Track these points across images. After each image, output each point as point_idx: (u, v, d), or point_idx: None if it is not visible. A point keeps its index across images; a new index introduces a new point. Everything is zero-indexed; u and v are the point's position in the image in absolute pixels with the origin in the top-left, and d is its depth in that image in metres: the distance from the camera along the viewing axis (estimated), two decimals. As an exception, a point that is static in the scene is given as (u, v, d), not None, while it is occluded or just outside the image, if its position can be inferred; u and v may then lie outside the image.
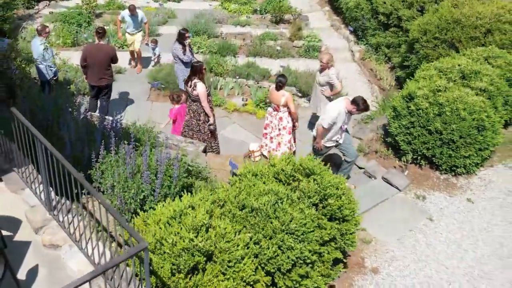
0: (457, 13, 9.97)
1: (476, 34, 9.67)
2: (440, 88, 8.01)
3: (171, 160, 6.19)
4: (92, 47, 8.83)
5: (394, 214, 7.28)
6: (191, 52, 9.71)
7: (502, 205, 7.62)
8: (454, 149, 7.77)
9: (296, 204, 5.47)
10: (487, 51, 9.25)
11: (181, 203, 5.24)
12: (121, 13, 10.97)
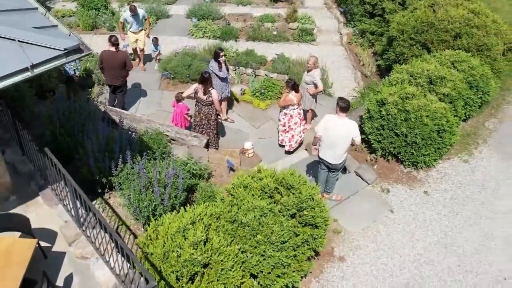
0: (432, 16, 10.13)
1: (446, 37, 9.90)
2: (409, 95, 8.47)
3: (178, 171, 6.91)
4: (107, 53, 9.13)
5: (362, 206, 8.01)
6: (227, 68, 9.65)
7: (452, 197, 8.33)
8: (416, 149, 8.39)
9: (277, 217, 6.22)
10: (454, 55, 9.57)
11: (184, 218, 5.98)
12: (122, 15, 10.76)
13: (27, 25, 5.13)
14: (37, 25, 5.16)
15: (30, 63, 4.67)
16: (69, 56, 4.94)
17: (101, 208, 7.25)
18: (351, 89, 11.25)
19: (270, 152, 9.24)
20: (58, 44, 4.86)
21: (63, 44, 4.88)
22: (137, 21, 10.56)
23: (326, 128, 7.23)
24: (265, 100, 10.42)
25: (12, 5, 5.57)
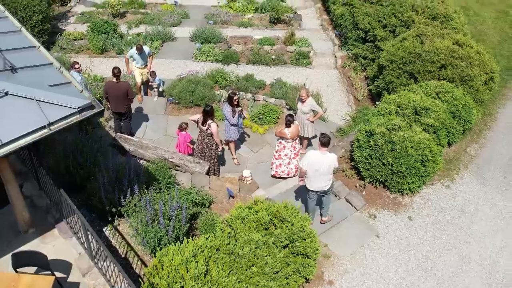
0: (419, 48, 10.39)
1: (432, 68, 10.16)
2: (395, 127, 8.75)
3: (182, 203, 7.25)
4: (111, 84, 9.40)
5: (351, 231, 8.31)
6: (240, 116, 9.40)
7: (434, 222, 8.63)
8: (401, 177, 8.68)
9: (271, 248, 6.56)
10: (439, 86, 9.82)
11: (187, 251, 6.31)
12: (129, 51, 10.88)
13: (44, 82, 5.46)
14: (52, 82, 5.48)
15: (48, 121, 5.02)
16: (82, 113, 5.27)
17: (111, 235, 7.61)
18: (343, 113, 11.52)
19: (267, 177, 9.55)
20: (73, 103, 5.19)
21: (77, 102, 5.20)
22: (143, 58, 10.73)
23: (310, 163, 7.57)
24: (263, 125, 10.71)
25: (30, 60, 5.89)
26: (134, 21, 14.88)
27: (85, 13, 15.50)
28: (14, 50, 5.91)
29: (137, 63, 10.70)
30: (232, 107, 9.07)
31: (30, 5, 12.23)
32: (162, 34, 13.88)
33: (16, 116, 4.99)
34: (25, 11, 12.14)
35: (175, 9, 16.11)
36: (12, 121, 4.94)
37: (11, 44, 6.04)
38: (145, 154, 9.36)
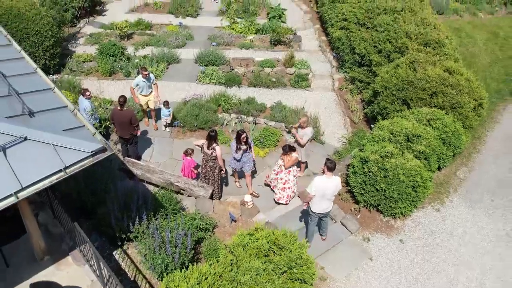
0: (412, 75, 10.66)
1: (424, 96, 10.43)
2: (388, 154, 9.03)
3: (187, 230, 7.54)
4: (116, 111, 9.63)
5: (346, 254, 8.57)
6: (243, 153, 9.28)
7: (424, 244, 8.89)
8: (393, 202, 8.95)
9: (270, 275, 6.83)
10: (430, 113, 10.09)
11: (192, 278, 6.59)
12: (135, 80, 10.81)
13: (59, 126, 5.75)
14: (67, 126, 5.77)
15: (64, 165, 5.30)
16: (95, 156, 5.55)
17: (121, 258, 7.90)
18: (340, 136, 11.77)
19: (267, 199, 9.80)
20: (86, 147, 5.47)
21: (90, 147, 5.49)
22: (148, 85, 10.79)
23: (318, 188, 7.83)
24: (264, 149, 10.99)
25: (46, 102, 6.19)
26: (140, 43, 15.17)
27: (93, 34, 15.78)
28: (31, 93, 6.21)
29: (142, 91, 10.78)
30: (238, 144, 9.13)
31: (42, 30, 12.51)
32: (168, 57, 14.16)
33: (34, 160, 5.27)
34: (37, 36, 12.41)
35: (180, 30, 16.40)
36: (31, 165, 5.22)
37: (28, 86, 6.34)
38: (152, 178, 9.65)
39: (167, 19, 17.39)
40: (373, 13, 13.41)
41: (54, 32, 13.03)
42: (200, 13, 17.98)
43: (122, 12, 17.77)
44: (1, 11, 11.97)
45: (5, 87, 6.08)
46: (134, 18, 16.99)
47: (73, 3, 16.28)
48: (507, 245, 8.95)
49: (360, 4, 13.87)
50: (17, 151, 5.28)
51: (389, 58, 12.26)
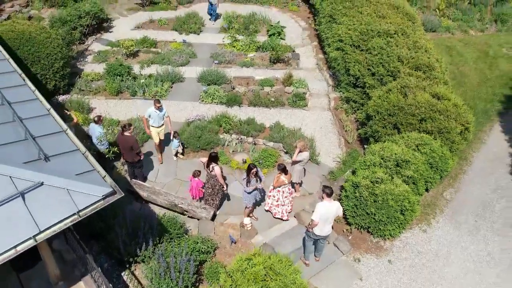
0: (402, 101, 10.96)
1: (413, 121, 10.73)
2: (378, 180, 9.37)
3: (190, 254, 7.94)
4: (120, 136, 9.97)
5: (338, 274, 8.94)
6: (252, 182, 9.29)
7: (411, 265, 9.25)
8: (383, 225, 9.32)
9: None
10: (419, 139, 10.38)
11: (194, 304, 7.01)
12: (147, 111, 10.82)
13: (72, 170, 6.11)
14: (79, 170, 6.13)
15: (77, 209, 5.68)
16: (106, 199, 5.93)
17: (129, 279, 8.30)
18: (335, 155, 12.09)
19: (265, 218, 10.14)
20: (98, 191, 5.85)
21: (101, 191, 5.87)
22: (160, 116, 10.82)
23: (321, 214, 8.18)
24: (263, 169, 11.32)
25: (60, 145, 6.55)
26: (146, 61, 15.49)
27: (101, 52, 16.10)
28: (46, 136, 6.57)
29: (154, 122, 10.80)
30: (248, 177, 9.23)
31: (52, 53, 12.83)
32: (172, 76, 14.48)
33: (50, 205, 5.64)
34: (48, 59, 12.74)
35: (184, 47, 16.69)
36: (47, 209, 5.60)
37: (43, 128, 6.71)
38: (158, 200, 10.03)
39: (171, 36, 17.67)
40: (367, 36, 13.68)
41: (64, 54, 13.36)
42: (203, 30, 18.26)
43: (128, 29, 18.06)
44: (14, 36, 12.27)
45: (22, 131, 6.44)
46: (140, 35, 17.28)
47: (81, 21, 16.60)
48: (488, 265, 9.30)
49: (355, 26, 14.14)
50: (34, 196, 5.66)
51: (381, 81, 12.55)
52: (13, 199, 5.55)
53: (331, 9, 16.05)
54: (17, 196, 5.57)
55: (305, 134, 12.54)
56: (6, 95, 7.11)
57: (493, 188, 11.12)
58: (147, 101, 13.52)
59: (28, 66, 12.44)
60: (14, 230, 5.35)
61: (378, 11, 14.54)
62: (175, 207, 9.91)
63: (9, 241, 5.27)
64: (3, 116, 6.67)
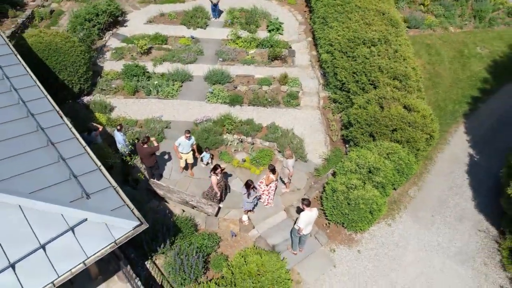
0: (378, 113, 11.86)
1: (386, 131, 11.70)
2: (352, 186, 10.56)
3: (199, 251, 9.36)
4: (139, 146, 10.99)
5: (317, 262, 10.38)
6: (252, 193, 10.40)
7: (375, 254, 10.67)
8: (354, 222, 10.63)
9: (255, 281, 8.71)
10: (390, 148, 11.43)
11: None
12: (178, 140, 11.43)
13: (108, 205, 7.28)
14: (113, 206, 7.29)
15: (114, 239, 6.96)
16: (135, 229, 7.18)
17: (151, 268, 9.76)
18: (321, 153, 13.16)
19: (261, 211, 11.42)
20: (128, 224, 7.09)
21: (131, 224, 7.11)
22: (188, 145, 11.51)
23: (305, 221, 9.51)
24: (259, 167, 12.49)
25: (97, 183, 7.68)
26: (158, 59, 16.13)
27: (117, 49, 16.67)
28: (85, 174, 7.69)
29: (183, 149, 11.48)
30: (248, 191, 10.33)
31: (76, 60, 13.54)
32: (181, 75, 15.22)
33: (93, 236, 6.91)
34: (73, 66, 13.48)
35: (192, 43, 17.23)
36: (92, 240, 6.87)
37: (82, 167, 7.77)
38: (172, 197, 11.32)
39: (180, 31, 18.10)
40: (354, 44, 14.22)
41: (86, 59, 14.07)
42: (209, 24, 18.62)
43: (141, 23, 18.46)
44: (42, 47, 12.96)
45: (66, 171, 7.56)
46: (152, 30, 17.75)
47: (99, 19, 17.04)
48: (437, 253, 10.71)
49: (344, 33, 14.63)
50: (81, 230, 6.91)
51: (364, 89, 13.33)
52: (66, 232, 6.82)
53: (324, 11, 16.37)
54: (69, 231, 6.83)
55: (296, 133, 13.57)
56: (50, 135, 8.14)
57: (450, 186, 12.30)
58: (161, 101, 14.44)
59: (56, 73, 13.25)
60: (69, 257, 6.67)
61: (366, 17, 14.91)
62: (187, 204, 11.23)
63: (65, 267, 6.60)
64: (51, 157, 7.75)
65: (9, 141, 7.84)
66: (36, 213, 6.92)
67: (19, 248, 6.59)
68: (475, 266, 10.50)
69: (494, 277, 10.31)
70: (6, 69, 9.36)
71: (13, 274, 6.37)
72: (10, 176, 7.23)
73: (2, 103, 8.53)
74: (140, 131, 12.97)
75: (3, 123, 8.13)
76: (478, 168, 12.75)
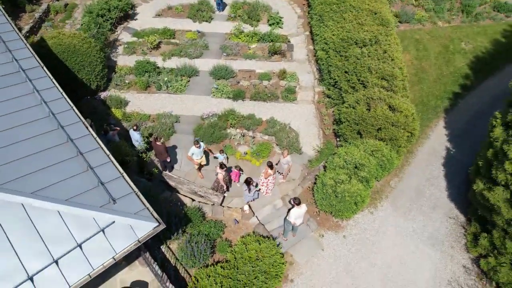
0: (365, 113, 12.55)
1: (372, 130, 12.45)
2: (339, 180, 11.48)
3: (207, 238, 10.44)
4: (154, 144, 11.80)
5: (307, 246, 11.45)
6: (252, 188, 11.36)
7: (358, 239, 11.74)
8: (341, 212, 11.63)
9: (256, 273, 9.83)
10: (374, 145, 12.23)
11: (212, 275, 9.65)
12: (190, 150, 11.91)
13: (132, 209, 8.22)
14: (136, 210, 8.22)
15: (137, 238, 7.96)
16: (154, 229, 8.17)
17: (166, 251, 10.90)
18: (314, 145, 13.98)
19: (260, 199, 12.39)
20: (149, 225, 8.06)
21: (151, 225, 8.07)
22: (200, 152, 12.03)
23: (295, 216, 10.51)
24: (259, 160, 13.36)
25: (121, 188, 8.59)
26: (167, 53, 16.58)
27: (129, 43, 17.07)
28: (111, 181, 8.57)
29: (197, 156, 12.03)
30: (248, 187, 11.28)
31: (93, 60, 14.05)
32: (189, 70, 15.74)
33: (120, 235, 7.89)
34: (90, 66, 14.00)
35: (198, 36, 17.59)
36: (119, 239, 7.86)
37: (107, 175, 8.62)
38: (183, 188, 12.28)
39: (187, 24, 18.37)
40: (347, 43, 14.65)
41: (102, 58, 14.59)
42: (214, 18, 18.85)
43: (150, 16, 18.70)
44: (62, 49, 13.47)
45: (95, 179, 8.44)
46: (160, 23, 18.05)
47: (111, 14, 17.32)
48: (411, 238, 11.78)
49: (339, 33, 15.01)
50: (110, 231, 7.89)
51: (354, 88, 13.92)
52: (98, 233, 7.81)
53: (320, 9, 16.60)
54: (100, 232, 7.82)
55: (292, 126, 14.31)
56: (78, 146, 8.97)
57: (427, 178, 13.20)
58: (171, 95, 15.10)
59: (75, 73, 13.85)
60: (101, 253, 7.69)
61: (359, 18, 15.21)
62: (195, 194, 12.21)
63: (98, 261, 7.64)
64: (81, 166, 8.61)
65: (44, 153, 8.65)
66: (72, 217, 7.87)
67: (60, 247, 7.59)
68: (443, 249, 11.60)
69: (459, 258, 11.43)
70: (35, 82, 10.03)
71: (57, 268, 7.41)
72: (48, 185, 8.12)
73: (36, 116, 9.29)
74: (153, 126, 13.76)
75: (38, 135, 8.93)
76: (453, 161, 13.60)
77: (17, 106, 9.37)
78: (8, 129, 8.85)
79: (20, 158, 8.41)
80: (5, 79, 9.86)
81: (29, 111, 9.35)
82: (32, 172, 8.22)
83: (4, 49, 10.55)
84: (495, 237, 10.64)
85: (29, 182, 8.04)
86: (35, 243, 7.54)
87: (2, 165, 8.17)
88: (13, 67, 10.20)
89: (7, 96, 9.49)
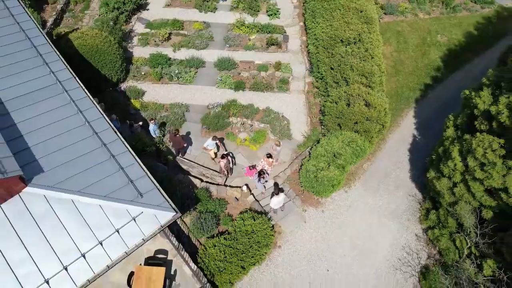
0: (345, 109, 13.65)
1: (350, 124, 13.63)
2: (320, 168, 12.95)
3: (214, 216, 12.21)
4: (171, 136, 13.11)
5: (293, 219, 13.12)
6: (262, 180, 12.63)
7: (334, 213, 13.44)
8: (320, 192, 13.25)
9: (252, 243, 11.70)
10: (350, 137, 13.47)
11: (216, 247, 11.54)
12: (206, 142, 13.20)
13: (155, 201, 9.81)
14: (158, 202, 9.79)
15: (160, 224, 9.65)
16: (173, 217, 9.84)
17: (181, 223, 12.74)
18: (303, 131, 15.23)
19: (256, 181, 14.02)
20: (169, 215, 9.69)
21: (171, 215, 9.72)
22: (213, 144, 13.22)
23: (275, 203, 12.21)
24: (256, 145, 14.72)
25: (145, 185, 10.14)
26: (177, 44, 17.22)
27: (142, 35, 17.62)
28: (138, 179, 10.09)
29: (211, 147, 13.34)
30: (259, 178, 12.57)
31: (114, 57, 14.84)
32: (196, 62, 16.48)
33: (148, 222, 9.57)
34: (112, 63, 14.80)
35: (204, 27, 18.06)
36: (147, 225, 9.53)
37: (135, 174, 10.12)
38: (193, 171, 13.81)
39: (193, 14, 18.67)
40: (334, 41, 15.29)
41: (121, 54, 15.40)
42: (218, 8, 19.10)
43: (161, 7, 18.95)
44: (86, 49, 14.28)
45: (125, 177, 9.95)
46: (170, 14, 18.42)
47: (126, 6, 17.71)
48: (377, 214, 13.48)
49: (327, 31, 15.56)
50: (140, 219, 9.55)
51: (338, 84, 14.86)
52: (130, 221, 9.50)
53: (313, 5, 16.91)
54: (132, 220, 9.50)
55: (285, 115, 15.46)
56: (111, 149, 10.36)
57: (394, 162, 14.61)
58: (181, 86, 16.07)
59: (99, 69, 14.78)
60: (134, 236, 9.42)
61: (346, 16, 15.66)
62: (203, 176, 13.79)
63: (132, 242, 9.39)
64: (113, 167, 10.08)
65: (84, 156, 10.09)
66: (110, 209, 9.50)
67: (103, 232, 9.30)
68: (401, 221, 13.35)
69: (413, 228, 13.22)
70: (71, 92, 11.19)
71: (102, 248, 9.18)
72: (90, 184, 9.67)
73: (74, 124, 10.59)
74: (166, 116, 14.97)
75: (77, 142, 10.30)
76: (418, 147, 14.92)
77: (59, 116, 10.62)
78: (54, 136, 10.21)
79: (67, 161, 9.87)
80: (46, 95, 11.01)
81: (68, 120, 10.63)
82: (77, 174, 9.72)
83: (42, 62, 11.55)
84: (440, 214, 12.34)
85: (75, 182, 9.58)
86: (84, 229, 9.24)
87: (54, 168, 9.67)
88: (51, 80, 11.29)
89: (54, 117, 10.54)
